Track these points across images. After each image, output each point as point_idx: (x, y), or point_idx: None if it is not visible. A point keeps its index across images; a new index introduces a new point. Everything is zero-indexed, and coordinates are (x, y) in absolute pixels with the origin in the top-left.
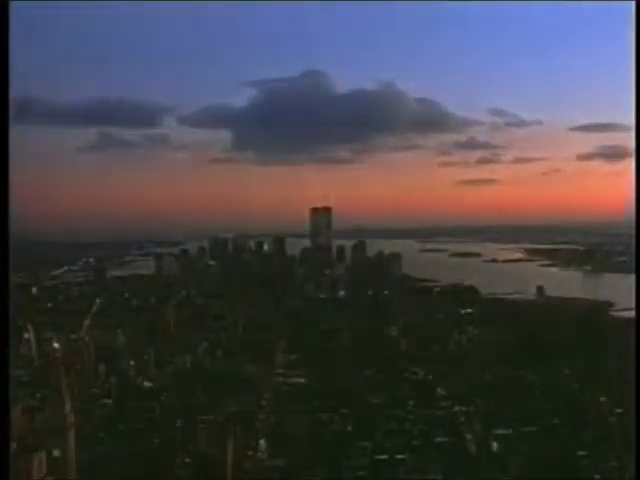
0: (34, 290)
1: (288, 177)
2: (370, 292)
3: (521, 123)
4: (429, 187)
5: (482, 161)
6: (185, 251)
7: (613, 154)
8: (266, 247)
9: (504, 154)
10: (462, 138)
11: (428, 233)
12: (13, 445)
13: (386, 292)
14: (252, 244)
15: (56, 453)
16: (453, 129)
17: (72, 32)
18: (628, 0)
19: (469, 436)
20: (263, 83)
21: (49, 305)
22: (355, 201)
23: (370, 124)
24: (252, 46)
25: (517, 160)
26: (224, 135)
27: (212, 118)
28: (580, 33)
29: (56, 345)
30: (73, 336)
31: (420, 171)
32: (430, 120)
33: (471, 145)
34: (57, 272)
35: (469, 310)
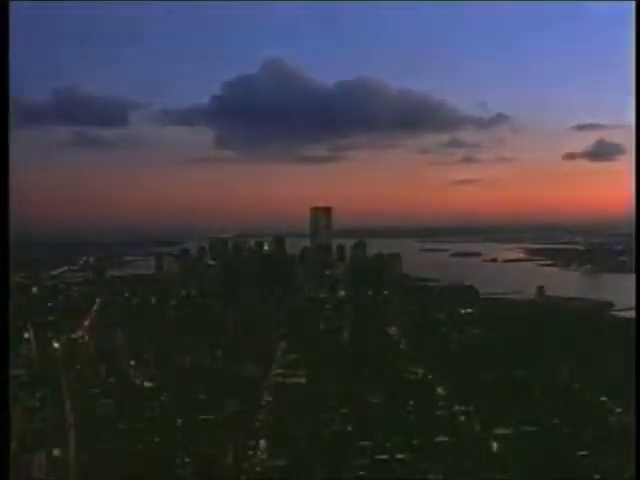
0: (34, 290)
1: (277, 175)
2: (370, 292)
3: (513, 122)
4: (425, 186)
5: (478, 160)
6: (185, 251)
7: (607, 153)
8: (266, 247)
9: (499, 153)
10: (454, 136)
11: (428, 233)
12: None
13: (386, 292)
14: (252, 244)
15: (56, 453)
16: (444, 128)
17: (37, 30)
18: (628, 0)
19: (469, 436)
20: (237, 80)
21: (49, 305)
22: (353, 200)
23: (356, 121)
24: (224, 43)
25: (514, 159)
26: (200, 134)
27: (182, 116)
28: (574, 33)
29: (56, 345)
30: (73, 336)
31: (414, 170)
32: (420, 118)
33: (464, 144)
34: (57, 272)
35: (469, 310)
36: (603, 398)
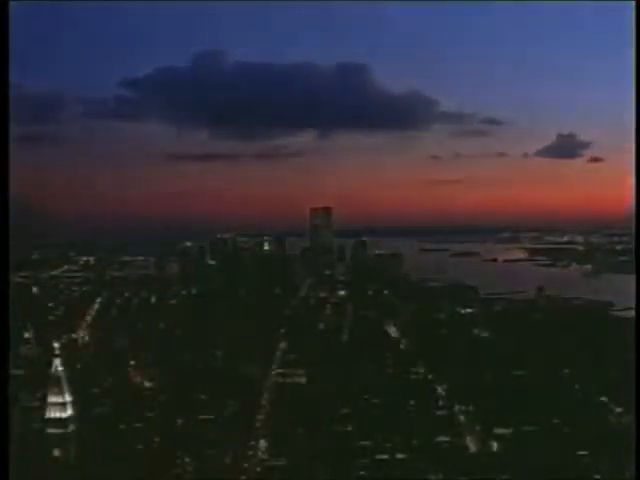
0: (34, 290)
1: (259, 172)
2: (370, 292)
3: (503, 121)
4: (421, 185)
5: (471, 158)
6: (185, 251)
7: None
8: (266, 247)
9: (494, 152)
10: (441, 133)
11: (427, 232)
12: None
13: (386, 292)
14: (252, 244)
15: (56, 453)
16: (428, 124)
17: None
18: (628, 0)
19: (469, 436)
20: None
21: (49, 305)
22: (349, 199)
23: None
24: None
25: (512, 158)
26: (158, 129)
27: (129, 111)
28: (562, 32)
29: (56, 345)
30: (74, 336)
31: (409, 167)
32: (401, 114)
33: (453, 141)
34: (57, 272)
35: (469, 310)
36: (603, 398)
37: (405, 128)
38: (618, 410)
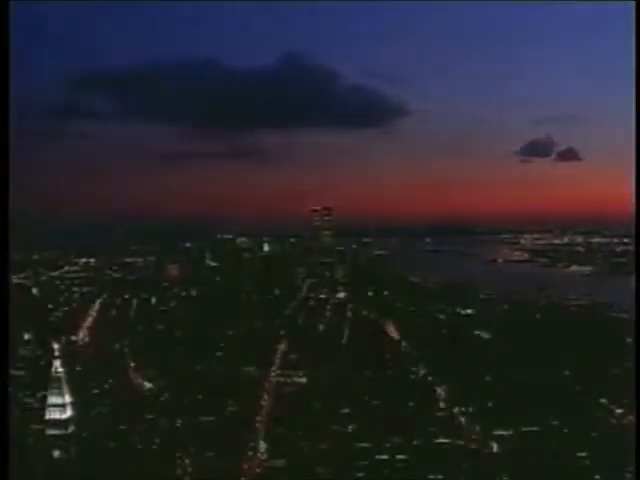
0: (34, 290)
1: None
2: (370, 292)
3: (495, 120)
4: (421, 184)
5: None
6: (185, 251)
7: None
8: (266, 248)
9: (493, 151)
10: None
11: (427, 233)
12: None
13: (386, 292)
14: (252, 244)
15: (56, 454)
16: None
17: None
18: (628, 0)
19: (469, 436)
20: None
21: (49, 306)
22: (348, 199)
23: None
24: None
25: (515, 157)
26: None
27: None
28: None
29: (56, 346)
30: (73, 337)
31: (402, 166)
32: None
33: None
34: (57, 272)
35: (469, 311)
36: (603, 400)
37: (384, 125)
38: (619, 411)
